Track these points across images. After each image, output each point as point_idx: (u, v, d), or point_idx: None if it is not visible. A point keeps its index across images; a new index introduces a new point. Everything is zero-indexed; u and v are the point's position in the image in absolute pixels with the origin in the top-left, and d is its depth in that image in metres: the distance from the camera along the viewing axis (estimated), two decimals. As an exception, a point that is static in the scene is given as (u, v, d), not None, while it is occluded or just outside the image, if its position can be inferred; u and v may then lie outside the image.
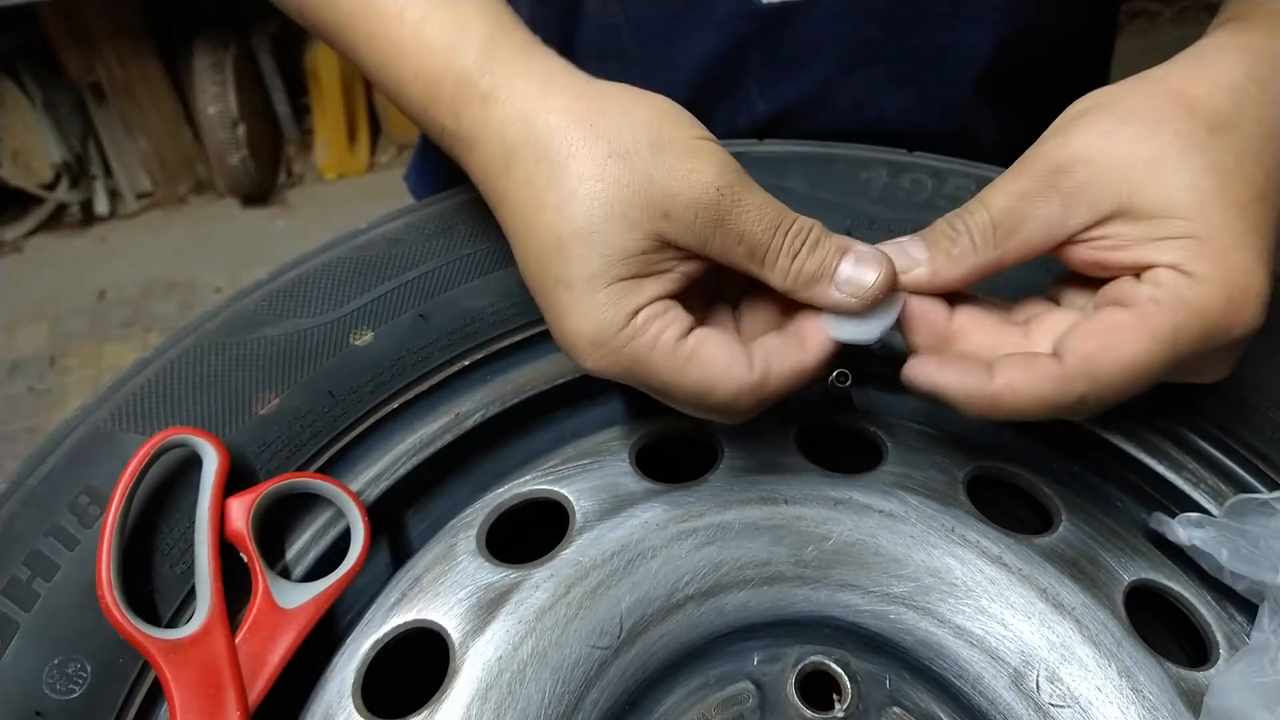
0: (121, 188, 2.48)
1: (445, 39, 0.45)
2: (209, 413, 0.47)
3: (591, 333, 0.41)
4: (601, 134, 0.41)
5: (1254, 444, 0.49)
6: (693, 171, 0.41)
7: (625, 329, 0.41)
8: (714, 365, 0.41)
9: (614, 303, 0.40)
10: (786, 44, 0.67)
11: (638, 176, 0.40)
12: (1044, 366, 0.40)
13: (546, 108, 0.43)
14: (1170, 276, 0.39)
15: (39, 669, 0.40)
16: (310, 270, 0.53)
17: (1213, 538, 0.45)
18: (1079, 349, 0.40)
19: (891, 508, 0.48)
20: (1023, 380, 0.40)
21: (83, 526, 0.43)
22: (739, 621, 0.46)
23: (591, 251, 0.40)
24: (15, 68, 2.28)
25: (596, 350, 0.41)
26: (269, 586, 0.43)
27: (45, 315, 2.27)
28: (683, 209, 0.40)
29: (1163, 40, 2.43)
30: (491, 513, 0.49)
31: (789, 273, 0.42)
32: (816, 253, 0.42)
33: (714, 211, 0.41)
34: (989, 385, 0.41)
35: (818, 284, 0.42)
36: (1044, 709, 0.43)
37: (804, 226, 0.42)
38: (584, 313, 0.41)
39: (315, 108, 2.56)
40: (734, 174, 0.41)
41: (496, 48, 0.45)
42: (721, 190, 0.41)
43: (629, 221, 0.40)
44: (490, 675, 0.43)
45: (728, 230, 0.41)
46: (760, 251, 0.42)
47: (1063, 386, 0.40)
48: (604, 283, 0.40)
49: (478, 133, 0.44)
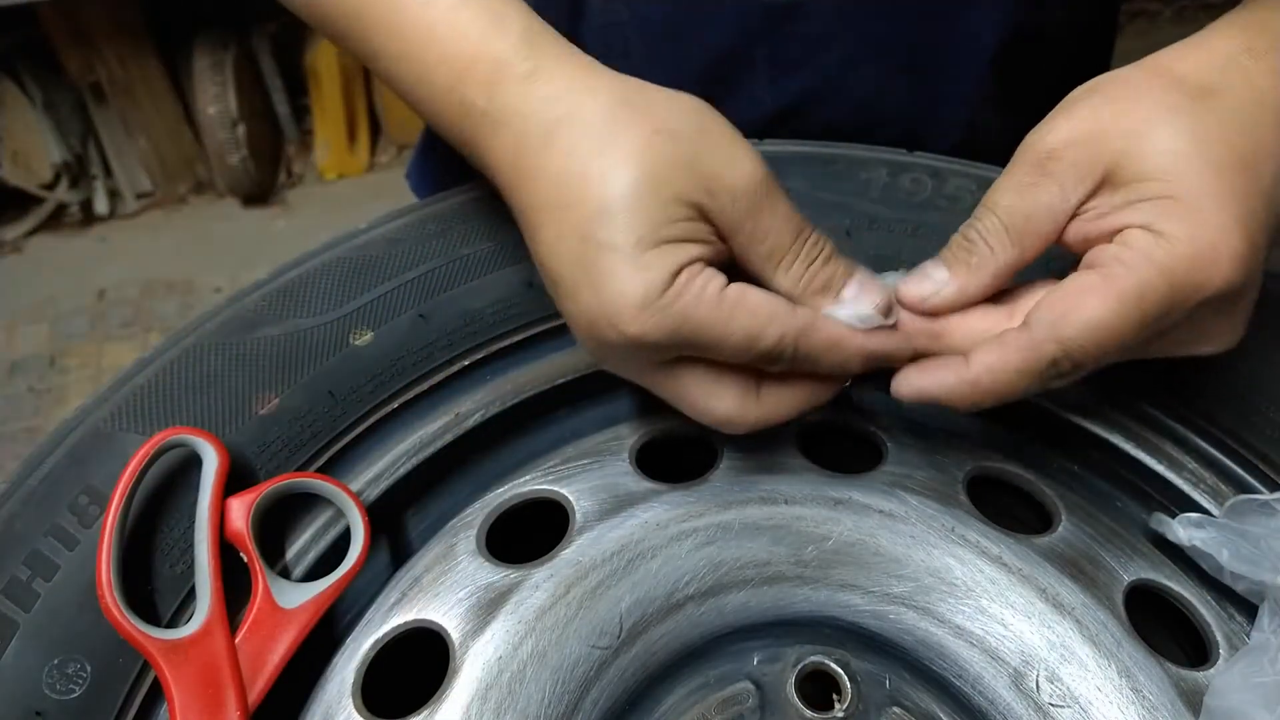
0: (121, 188, 2.48)
1: (481, 25, 0.46)
2: (209, 413, 0.47)
3: (638, 293, 0.41)
4: (648, 113, 0.43)
5: (1254, 444, 0.49)
6: (735, 160, 0.42)
7: (671, 287, 0.41)
8: (761, 309, 0.42)
9: (660, 262, 0.41)
10: (794, 39, 0.67)
11: (684, 153, 0.42)
12: (1013, 338, 0.41)
13: (592, 88, 0.44)
14: (1138, 236, 0.40)
15: (39, 669, 0.40)
16: (310, 270, 0.53)
17: (1213, 538, 0.45)
18: (1044, 315, 0.41)
19: (891, 508, 0.48)
20: (996, 358, 0.41)
21: (82, 526, 0.43)
22: (739, 621, 0.46)
23: (638, 215, 0.41)
24: (15, 68, 2.28)
25: (643, 311, 0.41)
26: (269, 586, 0.43)
27: (45, 315, 2.27)
28: (723, 191, 0.42)
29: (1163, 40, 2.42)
30: (491, 513, 0.49)
31: (801, 278, 0.44)
32: (829, 266, 0.44)
33: (750, 201, 0.42)
34: (967, 373, 0.42)
35: (823, 295, 0.44)
36: (1044, 709, 0.43)
37: (822, 240, 0.44)
38: (630, 274, 0.41)
39: (315, 108, 2.56)
40: (769, 174, 0.43)
41: (535, 38, 0.46)
42: (760, 182, 0.42)
43: (674, 190, 0.41)
44: (490, 675, 0.43)
45: (758, 223, 0.43)
46: (780, 253, 0.43)
47: (1032, 354, 0.41)
48: (651, 244, 0.41)
49: (516, 107, 0.44)
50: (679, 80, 0.47)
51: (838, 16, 0.66)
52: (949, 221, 0.49)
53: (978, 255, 0.44)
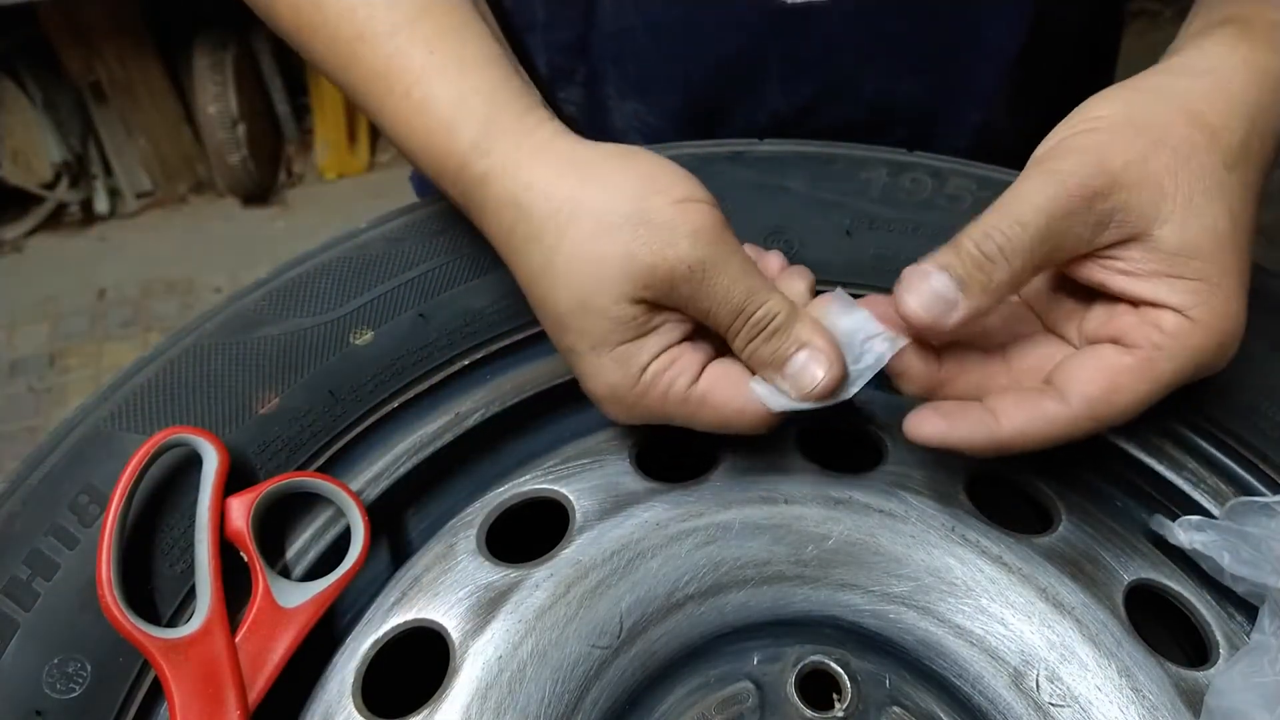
0: (121, 187, 2.48)
1: (447, 118, 0.47)
2: (209, 412, 0.47)
3: (606, 392, 0.45)
4: (586, 209, 0.43)
5: (1254, 444, 0.49)
6: (669, 246, 0.42)
7: (636, 386, 0.44)
8: (727, 407, 0.44)
9: (620, 365, 0.44)
10: (807, 41, 0.67)
11: (619, 251, 0.42)
12: (1050, 410, 0.42)
13: (534, 189, 0.45)
14: (1174, 322, 0.41)
15: (39, 668, 0.40)
16: (310, 270, 0.53)
17: (1213, 541, 0.45)
18: (1084, 391, 0.42)
19: (891, 507, 0.48)
20: (1031, 425, 0.42)
21: (83, 526, 0.43)
22: (739, 621, 0.46)
23: (588, 324, 0.43)
24: (15, 67, 2.27)
25: (615, 405, 0.45)
26: (269, 586, 0.43)
27: (45, 315, 2.26)
28: (660, 281, 0.43)
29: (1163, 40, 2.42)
30: (491, 512, 0.49)
31: (744, 352, 0.45)
32: (772, 342, 0.44)
33: (686, 286, 0.43)
34: (999, 433, 0.42)
35: (768, 369, 0.44)
36: (1044, 708, 0.43)
37: (768, 315, 0.44)
38: (596, 375, 0.45)
39: (315, 107, 2.56)
40: (708, 248, 0.43)
41: (492, 126, 0.47)
42: (692, 268, 0.42)
43: (616, 293, 0.43)
44: (490, 675, 0.43)
45: (698, 303, 0.43)
46: (723, 328, 0.44)
47: (1070, 427, 0.42)
48: (607, 348, 0.44)
49: (481, 208, 0.47)
50: (691, 83, 0.48)
51: (851, 17, 0.66)
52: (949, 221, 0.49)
53: (998, 278, 0.41)
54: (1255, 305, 0.52)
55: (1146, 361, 0.41)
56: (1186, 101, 0.43)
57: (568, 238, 0.43)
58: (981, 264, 0.41)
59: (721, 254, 0.43)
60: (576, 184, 0.44)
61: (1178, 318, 0.41)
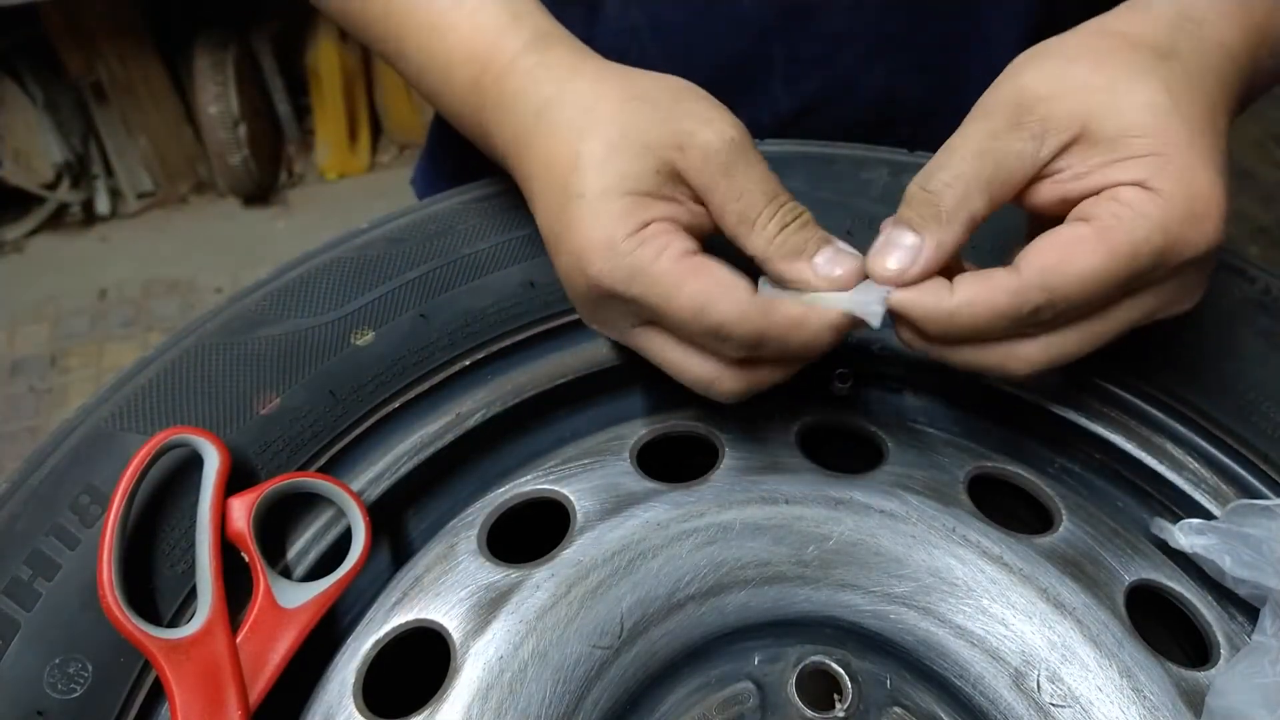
0: (122, 187, 2.48)
1: (500, 24, 0.50)
2: (210, 412, 0.47)
3: (601, 238, 0.42)
4: (627, 85, 0.45)
5: (1254, 444, 0.49)
6: (710, 120, 0.43)
7: (635, 234, 0.42)
8: (716, 281, 0.41)
9: (627, 212, 0.42)
10: (810, 38, 0.67)
11: (659, 113, 0.44)
12: (1000, 279, 0.40)
13: (581, 71, 0.47)
14: (1133, 193, 0.39)
15: (40, 668, 0.40)
16: (311, 270, 0.53)
17: (1214, 544, 0.45)
18: (1035, 261, 0.40)
19: (892, 508, 0.48)
20: (979, 294, 0.40)
21: (84, 526, 0.43)
22: (740, 621, 0.46)
23: (607, 167, 0.43)
24: (16, 67, 2.28)
25: (603, 254, 0.42)
26: (270, 586, 0.43)
27: (46, 315, 2.27)
28: (696, 148, 0.43)
29: (1164, 40, 2.40)
30: (492, 513, 0.49)
31: (774, 240, 0.43)
32: (803, 232, 0.44)
33: (724, 159, 0.43)
34: (947, 302, 0.41)
35: (795, 260, 0.43)
36: (1045, 709, 0.43)
37: (798, 207, 0.44)
38: (596, 221, 0.42)
39: (316, 107, 2.56)
40: (745, 137, 0.44)
41: (547, 38, 0.49)
42: (735, 141, 0.43)
43: (644, 145, 0.43)
44: (491, 675, 0.43)
45: (732, 182, 0.43)
46: (753, 214, 0.43)
47: (1018, 298, 0.40)
48: (617, 194, 0.42)
49: (516, 94, 0.47)
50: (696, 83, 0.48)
51: (855, 14, 0.66)
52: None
53: (946, 205, 0.41)
54: (1256, 306, 0.52)
55: (1103, 230, 0.39)
56: (1103, 24, 0.44)
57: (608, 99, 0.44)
58: (925, 198, 0.41)
59: (753, 148, 0.44)
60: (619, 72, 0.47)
61: (1135, 189, 0.39)
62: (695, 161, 0.43)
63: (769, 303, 0.41)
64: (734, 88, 0.69)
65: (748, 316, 0.41)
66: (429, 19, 0.51)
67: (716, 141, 0.43)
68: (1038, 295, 0.39)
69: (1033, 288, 0.39)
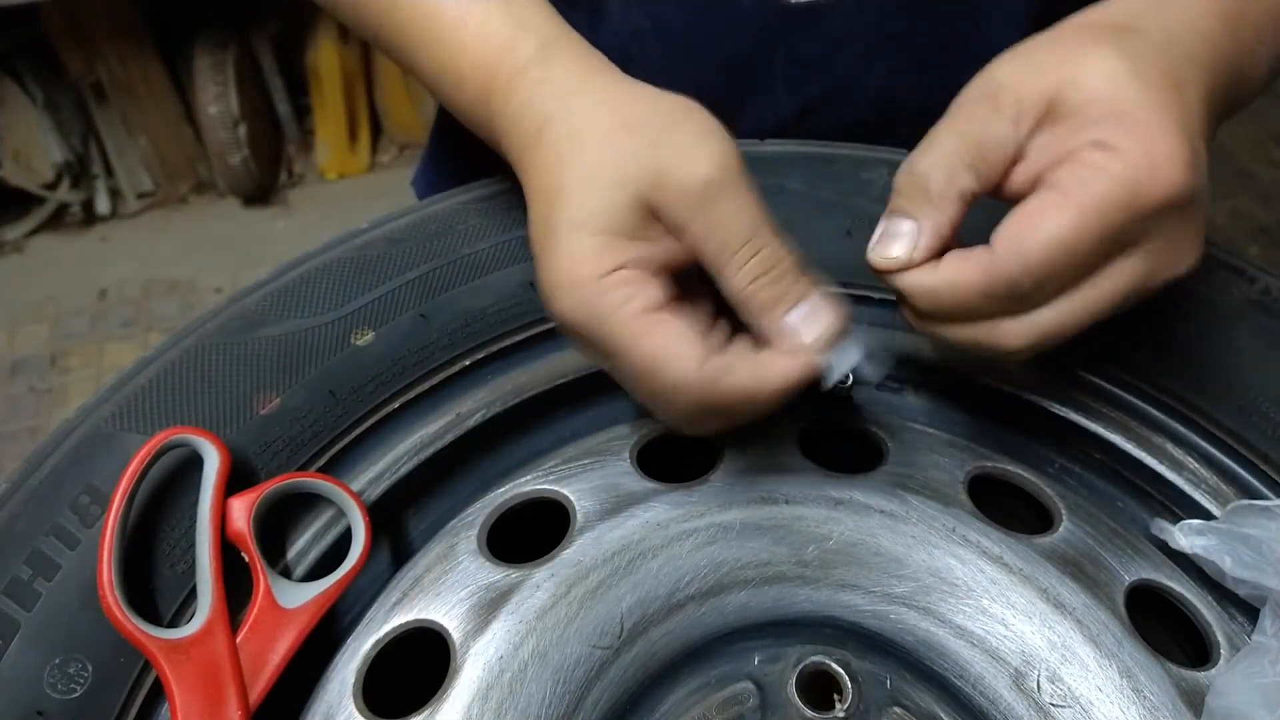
0: (123, 187, 2.48)
1: (506, 36, 0.49)
2: (210, 412, 0.47)
3: (568, 275, 0.42)
4: (622, 109, 0.45)
5: (1254, 444, 0.49)
6: (691, 157, 0.42)
7: (600, 280, 0.42)
8: (666, 346, 0.41)
9: (595, 253, 0.42)
10: (812, 40, 0.67)
11: (641, 144, 0.43)
12: (977, 255, 0.41)
13: (582, 89, 0.46)
14: (1092, 153, 0.40)
15: (40, 668, 0.40)
16: (311, 270, 0.53)
17: (1214, 545, 0.45)
18: (1005, 232, 0.40)
19: (892, 508, 0.48)
20: (960, 271, 0.41)
21: (84, 526, 0.43)
22: (740, 621, 0.46)
23: (583, 199, 0.42)
24: (16, 67, 2.27)
25: (569, 291, 0.42)
26: (270, 586, 0.43)
27: (46, 315, 2.26)
28: (671, 185, 0.42)
29: (1164, 40, 2.40)
30: (493, 513, 0.49)
31: (747, 286, 0.42)
32: (781, 284, 0.42)
33: (700, 197, 0.42)
34: (931, 278, 0.42)
35: (768, 312, 0.43)
36: (1045, 709, 0.43)
37: (778, 257, 0.43)
38: (567, 254, 0.42)
39: (316, 108, 2.56)
40: (729, 174, 0.42)
41: (553, 47, 0.49)
42: (709, 183, 0.41)
43: (621, 179, 0.42)
44: (491, 675, 0.43)
45: (707, 219, 0.42)
46: (728, 252, 0.42)
47: (994, 272, 0.40)
48: (589, 232, 0.42)
49: (521, 108, 0.47)
50: (698, 85, 0.48)
51: (857, 16, 0.66)
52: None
53: (935, 185, 0.42)
54: (1256, 306, 0.52)
55: (1068, 192, 0.39)
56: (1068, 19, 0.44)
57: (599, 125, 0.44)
58: (913, 182, 0.42)
59: (741, 184, 0.42)
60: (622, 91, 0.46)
61: (1095, 149, 0.40)
62: (671, 199, 0.42)
63: (719, 374, 0.41)
64: (735, 89, 0.70)
65: (695, 387, 0.41)
66: (435, 34, 0.51)
67: (696, 179, 0.41)
68: (1012, 264, 0.40)
69: (1006, 258, 0.40)
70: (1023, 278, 0.40)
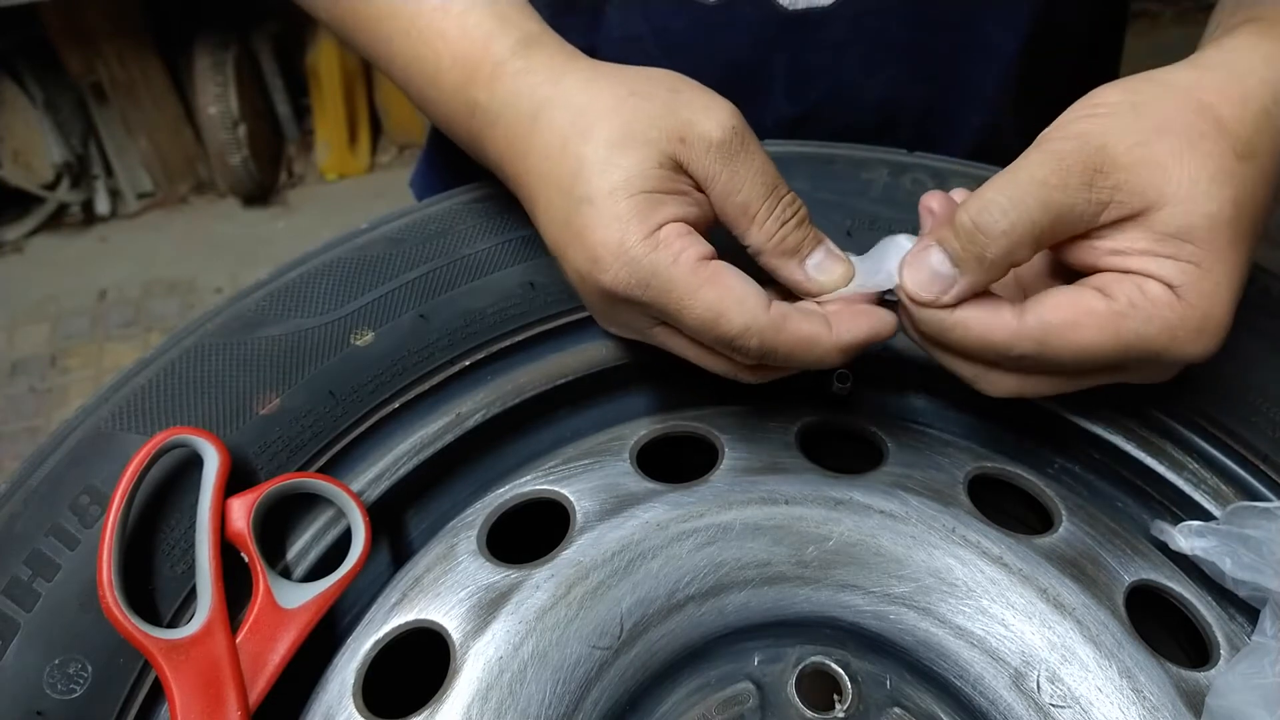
0: (122, 187, 2.48)
1: (487, 29, 0.49)
2: (210, 413, 0.47)
3: (616, 241, 0.42)
4: (623, 83, 0.45)
5: (1254, 444, 0.49)
6: (710, 110, 0.43)
7: (649, 239, 0.42)
8: (730, 291, 0.42)
9: (638, 214, 0.42)
10: (812, 47, 0.67)
11: (657, 106, 0.43)
12: (1004, 316, 0.41)
13: (571, 71, 0.46)
14: (1160, 291, 0.40)
15: (40, 668, 0.40)
16: (311, 270, 0.53)
17: (1214, 546, 0.45)
18: (1044, 315, 0.41)
19: (892, 508, 0.48)
20: (978, 321, 0.41)
21: (83, 526, 0.43)
22: (740, 622, 0.46)
23: (612, 167, 0.42)
24: (16, 67, 2.28)
25: (619, 259, 0.42)
26: (270, 586, 0.43)
27: (46, 315, 2.27)
28: (697, 139, 0.43)
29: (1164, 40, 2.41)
30: (492, 513, 0.49)
31: (773, 236, 0.44)
32: (800, 230, 0.44)
33: (725, 149, 0.43)
34: (947, 317, 0.42)
35: (791, 257, 0.44)
36: (1045, 709, 0.43)
37: (796, 202, 0.45)
38: (608, 223, 0.42)
39: (316, 108, 2.56)
40: (745, 128, 0.44)
41: (533, 42, 0.49)
42: (736, 132, 0.43)
43: (646, 140, 0.43)
44: (491, 675, 0.43)
45: (733, 173, 0.43)
46: (754, 207, 0.44)
47: (1012, 340, 0.41)
48: (625, 194, 0.42)
49: (508, 97, 0.47)
50: None
51: (856, 23, 0.66)
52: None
53: (992, 254, 0.40)
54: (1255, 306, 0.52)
55: (1117, 315, 0.40)
56: (1196, 91, 0.42)
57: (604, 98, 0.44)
58: (975, 238, 0.40)
59: (753, 137, 0.44)
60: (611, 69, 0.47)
61: (1163, 287, 0.40)
62: (697, 153, 0.43)
63: (782, 319, 0.42)
64: (736, 96, 0.69)
65: (765, 326, 0.41)
66: (414, 24, 0.51)
67: (717, 131, 0.43)
68: (1030, 346, 0.41)
69: (1029, 338, 0.41)
70: (1036, 360, 0.41)
